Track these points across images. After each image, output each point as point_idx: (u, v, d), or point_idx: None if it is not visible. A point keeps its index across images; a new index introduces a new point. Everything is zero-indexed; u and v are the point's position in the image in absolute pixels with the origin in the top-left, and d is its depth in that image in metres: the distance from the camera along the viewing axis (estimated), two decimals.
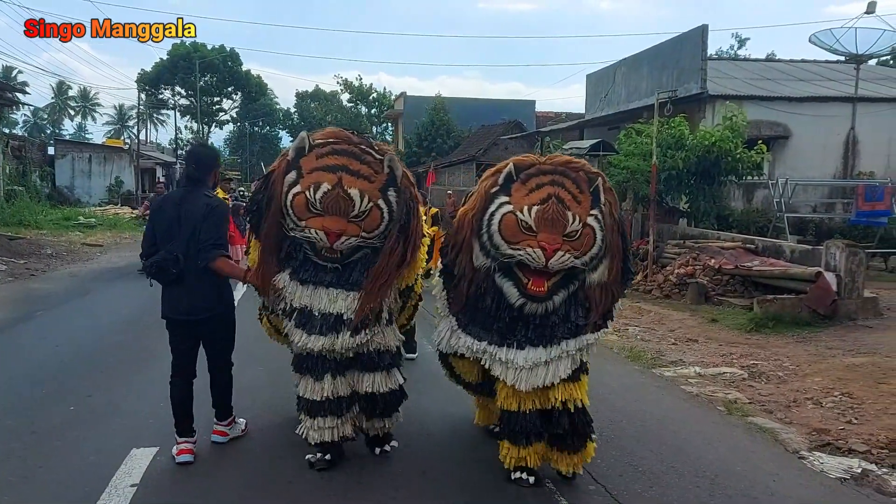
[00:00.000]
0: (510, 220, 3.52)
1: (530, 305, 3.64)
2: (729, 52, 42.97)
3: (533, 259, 3.49)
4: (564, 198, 3.49)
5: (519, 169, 3.61)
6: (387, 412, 4.09)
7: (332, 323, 3.76)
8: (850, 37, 14.38)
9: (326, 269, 3.77)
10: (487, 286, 3.68)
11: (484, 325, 3.74)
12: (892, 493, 4.03)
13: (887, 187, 12.92)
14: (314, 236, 3.65)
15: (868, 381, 6.28)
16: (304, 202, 3.62)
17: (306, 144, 3.71)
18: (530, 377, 3.67)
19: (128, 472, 3.85)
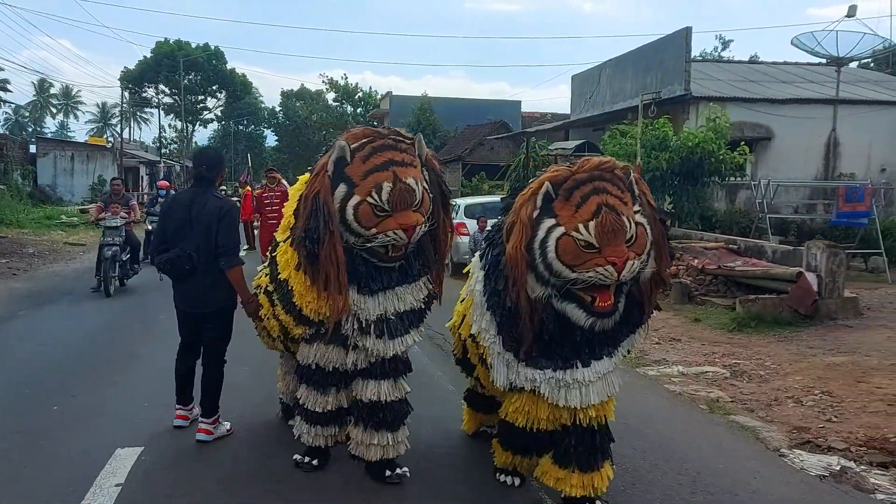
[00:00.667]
0: (567, 243, 3.18)
1: (600, 322, 3.36)
2: (713, 54, 43.26)
3: (606, 277, 3.17)
4: (614, 204, 3.20)
5: (556, 186, 3.29)
6: (393, 424, 3.84)
7: (409, 321, 3.78)
8: (832, 40, 14.55)
9: (393, 269, 3.68)
10: (548, 314, 3.35)
11: (546, 353, 3.43)
12: (870, 490, 4.12)
13: (867, 188, 13.09)
14: (393, 238, 3.49)
15: (848, 379, 6.38)
16: (370, 209, 3.44)
17: (347, 153, 3.53)
18: (591, 392, 3.44)
19: (112, 471, 3.87)
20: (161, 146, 48.75)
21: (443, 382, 5.82)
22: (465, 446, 4.58)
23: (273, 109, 71.05)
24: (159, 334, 7.63)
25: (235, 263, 4.30)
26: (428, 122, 35.12)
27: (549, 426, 3.58)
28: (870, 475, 4.33)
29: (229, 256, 4.28)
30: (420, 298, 3.79)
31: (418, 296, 3.78)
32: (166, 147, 56.77)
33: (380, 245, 3.53)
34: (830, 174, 14.71)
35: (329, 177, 3.52)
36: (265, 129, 72.40)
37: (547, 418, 3.55)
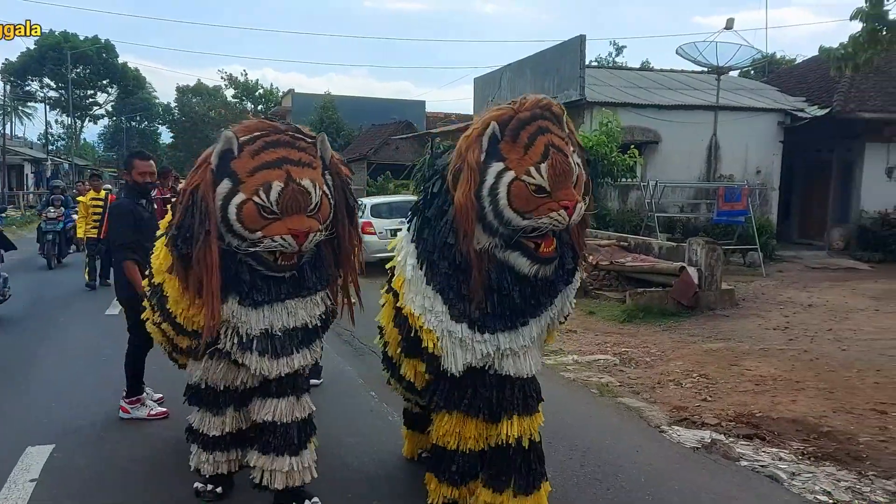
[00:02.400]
0: (519, 188, 2.95)
1: (543, 269, 3.13)
2: (608, 59, 45.11)
3: (560, 222, 2.98)
4: (559, 144, 2.99)
5: (501, 126, 3.03)
6: (296, 448, 3.47)
7: (300, 338, 3.39)
8: (712, 50, 15.61)
9: (283, 280, 3.29)
10: (492, 267, 3.11)
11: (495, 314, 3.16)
12: (736, 458, 4.63)
13: (744, 189, 14.18)
14: (280, 244, 3.11)
15: (722, 363, 7.03)
16: (256, 209, 3.07)
17: (235, 146, 3.15)
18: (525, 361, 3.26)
19: (25, 468, 3.93)
20: (48, 143, 46.11)
21: (375, 402, 5.57)
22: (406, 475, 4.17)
23: (168, 105, 68.63)
24: (56, 337, 7.51)
25: (121, 258, 4.60)
26: (332, 120, 34.96)
27: (477, 445, 3.35)
28: (736, 446, 4.86)
29: (115, 252, 4.65)
30: (315, 315, 3.42)
31: (313, 312, 3.42)
32: (53, 144, 53.77)
33: (266, 251, 3.16)
34: (712, 176, 15.77)
35: (212, 171, 3.14)
36: (160, 125, 69.85)
37: (474, 437, 3.33)
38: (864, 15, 7.42)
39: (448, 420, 3.34)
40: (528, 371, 3.28)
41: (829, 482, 4.27)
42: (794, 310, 9.80)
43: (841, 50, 7.94)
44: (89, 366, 6.38)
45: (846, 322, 8.99)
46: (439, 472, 3.43)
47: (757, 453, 4.74)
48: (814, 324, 8.86)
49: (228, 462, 3.65)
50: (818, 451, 4.73)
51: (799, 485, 4.24)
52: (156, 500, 3.71)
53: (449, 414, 3.33)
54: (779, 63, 33.58)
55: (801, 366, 6.89)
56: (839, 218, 17.06)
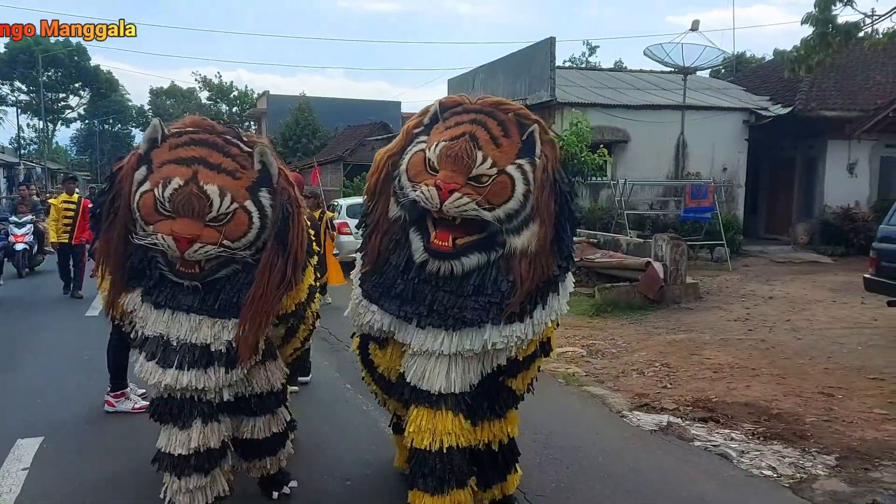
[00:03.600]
0: (418, 157, 3.01)
1: (433, 263, 3.00)
2: (581, 59, 45.62)
3: (426, 199, 2.87)
4: (480, 137, 2.93)
5: (444, 108, 3.11)
6: (271, 451, 3.58)
7: (196, 356, 3.14)
8: (679, 51, 16.03)
9: (185, 288, 3.13)
10: (399, 241, 3.08)
11: (390, 289, 3.10)
12: (690, 439, 4.95)
13: (710, 186, 14.59)
14: (161, 243, 2.97)
15: (684, 353, 7.36)
16: (153, 202, 3.00)
17: (159, 134, 3.13)
18: (432, 372, 3.07)
19: (17, 458, 4.16)
20: (20, 147, 45.62)
21: (350, 394, 5.73)
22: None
23: (142, 107, 68.14)
24: (39, 339, 7.67)
25: None
26: (307, 121, 35.03)
27: (456, 441, 3.12)
28: (692, 428, 5.17)
29: None
30: (220, 340, 3.15)
31: (218, 335, 3.15)
32: (25, 148, 53.19)
33: (150, 245, 3.04)
34: (680, 174, 16.17)
35: (139, 155, 3.14)
36: (133, 128, 69.29)
37: (452, 432, 3.10)
38: (814, 19, 7.80)
39: (418, 414, 3.12)
40: (434, 386, 3.06)
41: (775, 458, 4.60)
42: (756, 302, 10.20)
43: (794, 52, 8.32)
44: (73, 365, 6.56)
45: (803, 313, 9.39)
46: (416, 480, 3.16)
47: (710, 434, 5.06)
48: (773, 315, 9.25)
49: (202, 490, 3.27)
50: (767, 432, 5.06)
51: (747, 461, 4.56)
52: (142, 486, 3.91)
53: (417, 408, 3.13)
54: (748, 62, 34.31)
55: (758, 354, 7.25)
56: (803, 214, 17.59)
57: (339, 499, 3.89)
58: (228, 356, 3.17)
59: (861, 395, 5.87)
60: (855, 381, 6.28)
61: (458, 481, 3.13)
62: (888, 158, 16.96)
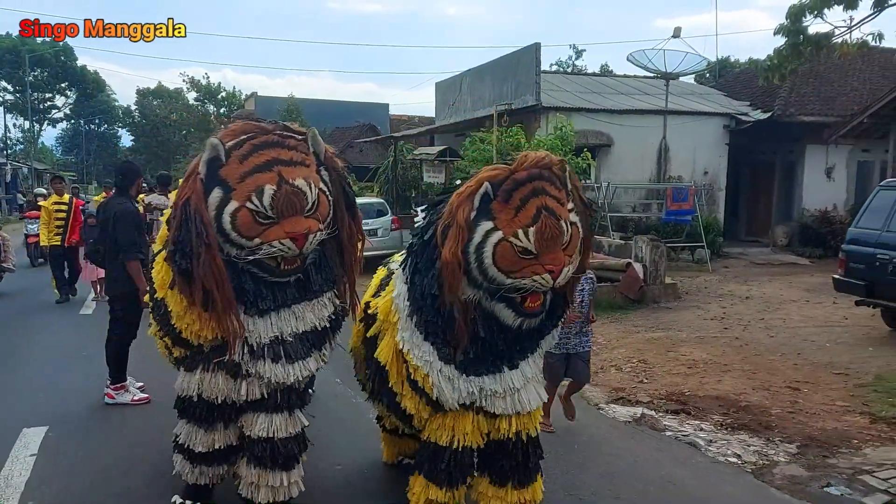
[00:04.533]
0: (505, 248, 2.98)
1: (527, 322, 3.18)
2: (568, 62, 46.03)
3: (543, 285, 3.03)
4: (553, 206, 3.01)
5: (494, 186, 3.05)
6: (287, 464, 3.41)
7: (311, 340, 3.34)
8: (661, 57, 16.37)
9: (288, 284, 3.22)
10: (477, 315, 3.17)
11: (479, 358, 3.23)
12: (662, 430, 5.24)
13: (691, 189, 14.95)
14: (280, 248, 3.04)
15: (661, 350, 7.66)
16: (251, 216, 3.01)
17: (222, 153, 3.07)
18: (524, 397, 3.28)
19: (24, 445, 4.43)
20: (6, 147, 45.45)
21: (340, 388, 5.93)
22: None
23: (128, 108, 67.96)
24: (37, 338, 7.88)
25: (132, 258, 5.10)
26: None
27: (475, 440, 3.33)
28: (664, 419, 5.47)
29: (126, 252, 5.10)
30: (324, 317, 3.35)
31: (321, 313, 3.34)
32: (11, 148, 52.97)
33: (266, 257, 3.08)
34: (662, 177, 16.51)
35: (202, 180, 3.06)
36: (120, 128, 69.08)
37: (472, 431, 3.29)
38: (786, 30, 8.13)
39: (441, 415, 3.28)
40: (521, 409, 3.30)
41: (741, 447, 4.90)
42: (732, 302, 10.54)
43: (767, 62, 8.65)
44: (72, 361, 6.79)
45: (778, 312, 9.73)
46: (427, 471, 3.32)
47: (681, 425, 5.36)
48: (748, 314, 9.58)
49: (213, 476, 3.48)
50: (735, 423, 5.37)
51: (714, 450, 4.85)
52: (141, 472, 4.15)
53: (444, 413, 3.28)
54: (732, 66, 34.78)
55: (731, 351, 7.57)
56: (782, 216, 18.00)
57: (330, 482, 4.14)
58: (327, 331, 3.41)
59: (826, 388, 6.19)
60: (821, 376, 6.60)
61: (464, 477, 3.34)
62: (865, 163, 17.39)
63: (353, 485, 4.17)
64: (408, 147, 22.18)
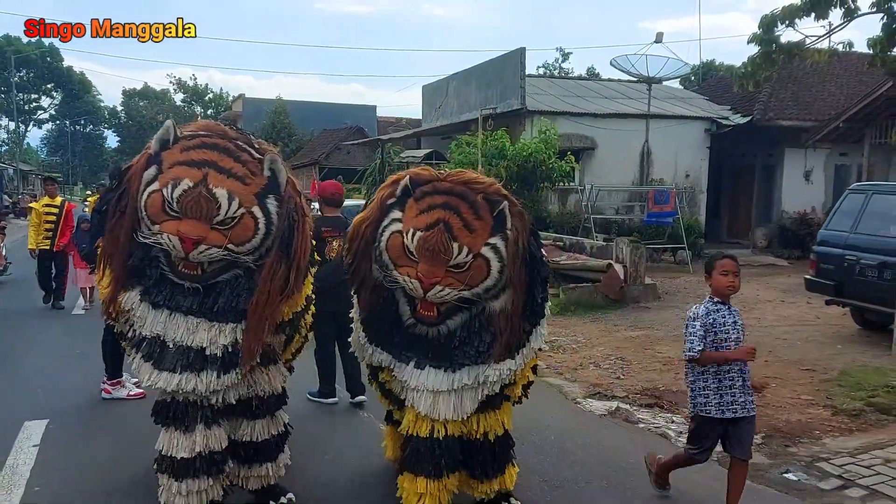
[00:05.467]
0: (396, 241, 3.16)
1: (420, 327, 3.29)
2: (554, 65, 46.44)
3: (411, 288, 3.15)
4: (454, 225, 3.08)
5: (416, 184, 3.23)
6: (269, 458, 3.56)
7: (191, 358, 3.16)
8: (643, 62, 16.73)
9: (185, 290, 3.17)
10: (387, 297, 3.33)
11: (387, 335, 3.41)
12: (635, 422, 5.51)
13: (672, 192, 15.28)
14: (167, 243, 3.03)
15: (638, 348, 7.94)
16: (161, 202, 3.05)
17: (171, 136, 3.17)
18: (435, 404, 3.31)
19: (27, 437, 4.66)
20: None
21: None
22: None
23: (114, 109, 67.82)
24: (32, 336, 8.07)
25: None
26: (283, 125, 35.35)
27: (454, 430, 3.41)
28: (638, 412, 5.74)
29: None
30: (217, 344, 3.16)
31: (214, 339, 3.16)
32: None
33: (154, 244, 3.09)
34: (645, 180, 16.85)
35: (149, 155, 3.18)
36: (105, 129, 68.88)
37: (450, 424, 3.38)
38: (759, 39, 8.44)
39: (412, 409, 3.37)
40: (437, 413, 3.31)
41: None
42: None
43: (742, 69, 8.97)
44: (67, 359, 7.03)
45: (753, 311, 10.04)
46: (411, 465, 3.40)
47: (654, 418, 5.63)
48: None
49: (200, 494, 3.32)
50: None
51: (683, 441, 5.09)
52: (139, 461, 4.33)
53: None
54: (717, 69, 35.27)
55: None
56: (762, 218, 18.38)
57: (320, 469, 4.36)
58: (222, 360, 3.18)
59: (793, 384, 6.48)
60: (790, 372, 6.90)
61: (452, 467, 3.43)
62: (842, 166, 17.80)
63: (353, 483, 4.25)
64: (395, 149, 22.41)
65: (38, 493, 3.91)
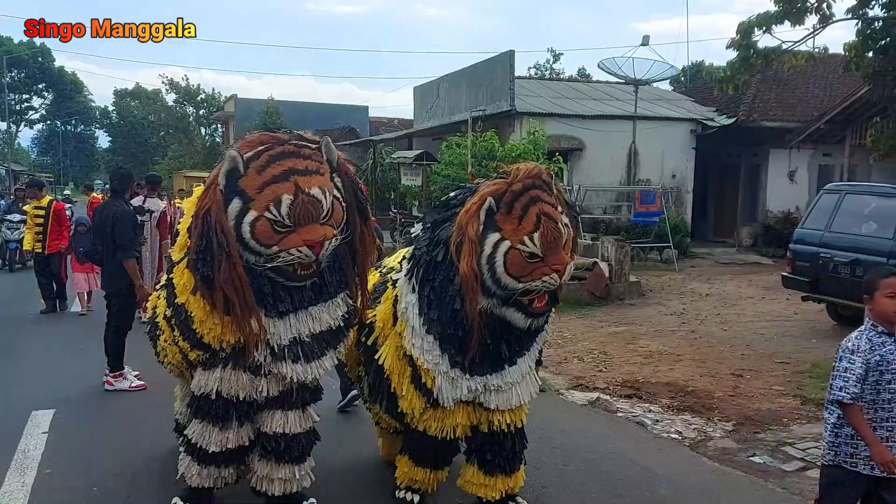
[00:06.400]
0: (515, 256, 3.21)
1: (536, 321, 3.43)
2: (546, 66, 46.72)
3: (552, 284, 3.27)
4: (550, 212, 3.25)
5: (496, 200, 3.29)
6: (299, 458, 3.59)
7: (327, 340, 3.48)
8: (630, 65, 17.03)
9: (304, 287, 3.35)
10: (489, 322, 3.37)
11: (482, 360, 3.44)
12: (614, 411, 5.79)
13: (658, 192, 15.59)
14: (297, 255, 3.16)
15: (621, 343, 8.23)
16: (269, 225, 3.13)
17: (240, 164, 3.18)
18: (520, 391, 3.53)
19: (36, 424, 4.94)
20: None
21: None
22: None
23: (105, 109, 67.76)
24: (34, 332, 8.30)
25: (128, 256, 5.64)
26: (275, 125, 35.41)
27: (463, 432, 3.57)
28: (617, 402, 6.01)
29: (124, 250, 5.63)
30: (338, 316, 3.49)
31: (335, 314, 3.48)
32: None
33: (284, 263, 3.21)
34: (632, 180, 17.15)
35: (221, 191, 3.19)
36: (97, 129, 68.85)
37: (464, 424, 3.53)
38: (738, 45, 8.75)
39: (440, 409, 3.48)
40: (516, 403, 3.53)
41: (683, 425, 5.46)
42: (693, 299, 11.16)
43: (721, 73, 9.27)
44: (69, 354, 7.30)
45: (734, 308, 10.36)
46: (415, 455, 3.60)
47: (633, 408, 5.91)
48: (706, 309, 10.20)
49: (217, 478, 3.50)
50: (681, 405, 5.93)
51: (659, 428, 5.41)
52: (141, 448, 4.58)
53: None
54: (705, 71, 35.64)
55: (686, 343, 8.16)
56: (748, 217, 18.73)
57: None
58: (341, 330, 3.52)
59: (767, 375, 6.78)
60: (765, 364, 7.20)
61: (448, 460, 3.65)
62: (825, 166, 18.15)
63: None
64: (387, 151, 22.67)
65: (49, 475, 4.17)
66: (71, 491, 3.99)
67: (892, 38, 9.25)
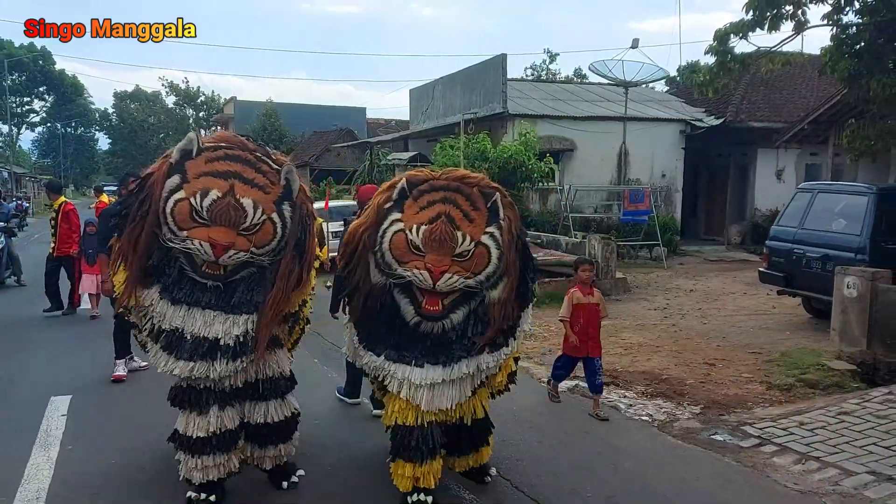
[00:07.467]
0: (400, 239, 3.39)
1: (426, 324, 3.51)
2: (542, 67, 47.12)
3: (420, 280, 3.36)
4: (455, 216, 3.35)
5: (412, 185, 3.46)
6: (282, 439, 3.90)
7: (206, 349, 3.43)
8: (620, 67, 17.45)
9: (206, 287, 3.42)
10: (385, 301, 3.53)
11: (381, 339, 3.62)
12: (591, 396, 6.19)
13: (647, 191, 16.01)
14: (197, 248, 3.28)
15: (604, 336, 8.42)
16: (188, 210, 3.27)
17: (195, 147, 3.38)
18: (433, 398, 3.56)
19: (56, 408, 5.39)
20: None
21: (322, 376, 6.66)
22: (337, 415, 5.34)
23: (105, 111, 68.20)
24: (45, 327, 8.77)
25: (103, 251, 5.75)
26: (274, 127, 35.95)
27: (434, 417, 3.68)
28: None
29: (101, 244, 5.62)
30: (230, 334, 3.44)
31: (229, 330, 3.44)
32: None
33: (185, 250, 3.34)
34: (622, 180, 17.57)
35: (170, 164, 3.38)
36: (97, 131, 69.22)
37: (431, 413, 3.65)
38: (715, 50, 9.16)
39: (397, 399, 3.65)
40: (438, 405, 3.58)
41: (654, 409, 5.87)
42: (677, 294, 11.58)
43: (700, 77, 9.69)
44: (79, 347, 7.73)
45: (715, 303, 10.78)
46: (401, 452, 3.69)
47: (609, 394, 6.30)
48: (689, 304, 10.62)
49: (217, 467, 3.66)
50: (654, 391, 6.33)
51: (632, 412, 5.81)
52: (154, 428, 4.93)
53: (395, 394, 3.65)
54: (686, 76, 35.99)
55: (666, 335, 8.57)
56: (736, 216, 19.16)
57: (309, 436, 4.99)
58: (234, 349, 3.46)
59: (738, 364, 7.19)
60: (738, 354, 7.60)
61: (435, 452, 3.71)
62: (812, 165, 18.57)
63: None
64: (383, 152, 23.07)
65: (70, 450, 4.62)
66: (91, 463, 4.44)
67: (866, 43, 9.65)
